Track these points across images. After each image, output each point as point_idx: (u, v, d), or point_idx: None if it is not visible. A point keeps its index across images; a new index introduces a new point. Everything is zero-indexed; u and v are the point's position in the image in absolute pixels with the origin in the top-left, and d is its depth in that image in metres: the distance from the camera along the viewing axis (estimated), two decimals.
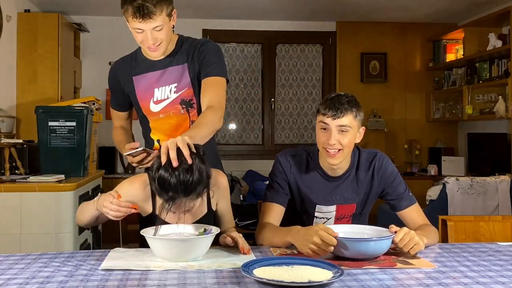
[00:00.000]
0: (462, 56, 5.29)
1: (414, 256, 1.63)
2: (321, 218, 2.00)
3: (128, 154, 1.85)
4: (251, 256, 1.62)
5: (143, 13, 1.83)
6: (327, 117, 1.85)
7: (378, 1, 4.97)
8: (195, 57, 2.05)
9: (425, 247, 1.73)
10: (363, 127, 1.94)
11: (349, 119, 1.84)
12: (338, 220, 1.99)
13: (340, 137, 1.85)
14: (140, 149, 1.85)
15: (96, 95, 4.27)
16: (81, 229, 3.15)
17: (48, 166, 3.17)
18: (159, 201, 1.86)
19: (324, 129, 1.87)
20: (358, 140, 1.92)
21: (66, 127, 3.18)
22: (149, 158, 1.88)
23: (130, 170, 5.45)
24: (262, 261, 1.47)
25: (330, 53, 5.85)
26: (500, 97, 4.63)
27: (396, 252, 1.68)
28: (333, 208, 1.98)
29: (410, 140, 5.80)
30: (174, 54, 2.07)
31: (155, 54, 2.01)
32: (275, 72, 5.84)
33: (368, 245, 1.57)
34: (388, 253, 1.65)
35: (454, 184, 3.85)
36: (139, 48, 2.10)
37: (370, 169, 1.97)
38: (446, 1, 4.93)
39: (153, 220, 1.85)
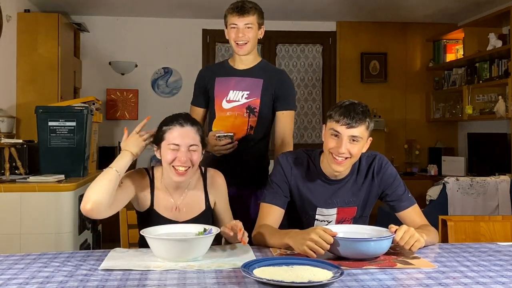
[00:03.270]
0: (462, 56, 5.29)
1: (414, 256, 1.63)
2: (322, 221, 2.00)
3: (218, 136, 2.30)
4: (251, 256, 1.62)
5: (240, 9, 2.37)
6: (341, 125, 1.81)
7: (378, 1, 4.97)
8: (274, 81, 2.47)
9: (425, 247, 1.73)
10: (370, 138, 1.91)
11: (361, 130, 1.83)
12: (340, 223, 1.98)
13: (350, 146, 1.82)
14: (231, 134, 2.32)
15: (96, 95, 4.28)
16: (81, 229, 3.15)
17: (48, 166, 3.17)
18: (157, 194, 1.88)
19: (336, 135, 1.84)
20: (364, 150, 1.90)
21: (66, 127, 3.18)
22: (229, 146, 2.31)
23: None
24: (262, 261, 1.47)
25: (330, 53, 5.85)
26: (500, 97, 4.62)
27: (396, 252, 1.68)
28: (334, 211, 1.98)
29: (410, 140, 5.80)
30: (254, 68, 2.48)
31: (242, 51, 2.42)
32: None
33: (368, 245, 1.57)
34: (388, 253, 1.65)
35: (454, 184, 3.85)
36: (227, 59, 2.57)
37: (370, 171, 1.97)
38: (446, 1, 4.93)
39: (151, 214, 1.87)
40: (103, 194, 1.71)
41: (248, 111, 2.44)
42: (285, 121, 2.53)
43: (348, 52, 5.78)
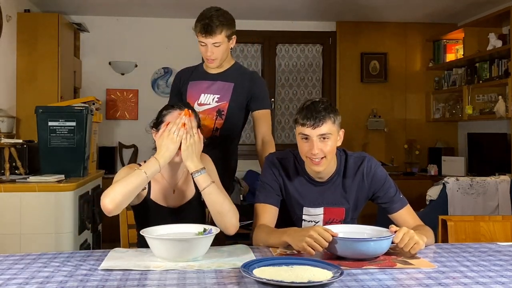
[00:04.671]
0: (462, 56, 5.29)
1: (414, 256, 1.63)
2: (309, 221, 1.99)
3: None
4: (251, 256, 1.63)
5: (206, 30, 2.35)
6: (307, 127, 1.83)
7: (378, 1, 4.97)
8: (247, 83, 2.54)
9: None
10: (342, 130, 1.93)
11: (328, 127, 1.83)
12: (327, 224, 1.96)
13: (322, 145, 1.84)
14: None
15: (96, 95, 4.27)
16: (81, 229, 3.15)
17: (48, 166, 3.17)
18: (153, 184, 1.91)
19: (305, 138, 1.86)
20: (339, 143, 1.91)
21: (66, 127, 3.18)
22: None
23: None
24: (262, 261, 1.47)
25: (330, 53, 5.85)
26: (500, 97, 4.62)
27: (396, 252, 1.68)
28: (320, 210, 1.98)
29: (410, 140, 5.79)
30: (226, 72, 2.55)
31: (211, 65, 2.50)
32: (275, 72, 5.84)
33: (368, 245, 1.57)
34: (388, 253, 1.65)
35: (454, 184, 3.85)
36: (202, 62, 2.61)
37: (359, 173, 1.97)
38: (446, 1, 4.92)
39: (148, 204, 1.90)
40: (128, 198, 1.74)
41: (217, 114, 2.51)
42: (262, 120, 2.58)
43: (348, 52, 5.78)
